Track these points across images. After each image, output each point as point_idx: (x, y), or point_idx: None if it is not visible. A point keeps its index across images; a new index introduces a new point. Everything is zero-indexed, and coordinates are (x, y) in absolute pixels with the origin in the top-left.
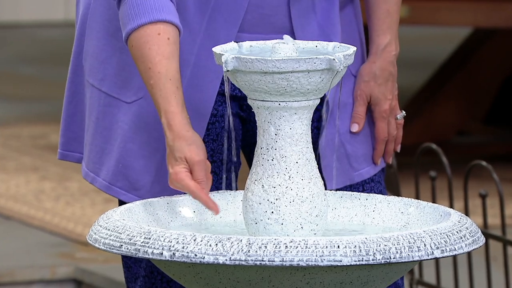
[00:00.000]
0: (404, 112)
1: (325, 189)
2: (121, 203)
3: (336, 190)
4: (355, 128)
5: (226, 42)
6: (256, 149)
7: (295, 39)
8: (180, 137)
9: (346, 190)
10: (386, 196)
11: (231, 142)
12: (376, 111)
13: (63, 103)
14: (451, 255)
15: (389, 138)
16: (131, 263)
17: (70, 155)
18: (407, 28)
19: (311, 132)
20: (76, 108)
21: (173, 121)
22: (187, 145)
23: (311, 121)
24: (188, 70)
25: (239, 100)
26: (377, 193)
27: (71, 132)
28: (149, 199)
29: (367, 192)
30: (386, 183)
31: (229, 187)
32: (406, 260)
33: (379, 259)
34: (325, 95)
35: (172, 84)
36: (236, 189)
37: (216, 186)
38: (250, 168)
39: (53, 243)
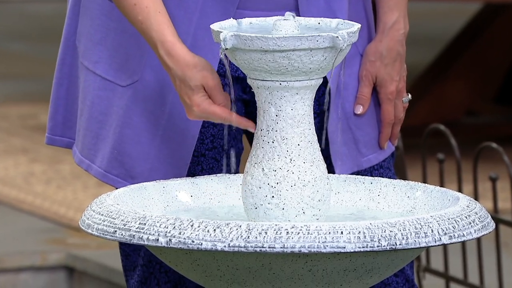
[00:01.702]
0: (410, 96)
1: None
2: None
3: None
4: (359, 109)
5: (224, 19)
6: (256, 130)
7: (299, 14)
8: (188, 65)
9: (354, 175)
10: (391, 179)
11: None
12: (382, 93)
13: (53, 85)
14: (460, 241)
15: (396, 121)
16: (129, 251)
17: (59, 139)
18: (414, 3)
19: (319, 116)
20: (67, 91)
21: (173, 51)
22: (199, 71)
23: (319, 105)
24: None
25: (242, 82)
26: None
27: (60, 116)
28: (144, 183)
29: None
30: (393, 167)
31: (229, 171)
32: (412, 246)
33: (384, 246)
34: (328, 78)
35: (163, 17)
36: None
37: (216, 173)
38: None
39: (43, 229)
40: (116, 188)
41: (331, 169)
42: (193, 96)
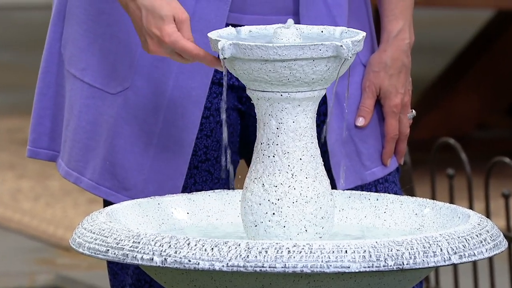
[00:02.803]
0: (414, 112)
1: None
2: (107, 204)
3: (346, 190)
4: (360, 122)
5: (218, 23)
6: (255, 144)
7: (298, 19)
8: None
9: (359, 191)
10: (398, 196)
11: (227, 137)
12: (386, 106)
13: (35, 95)
14: (470, 261)
15: (401, 137)
16: (117, 269)
17: (42, 152)
18: (423, 11)
19: (319, 127)
20: (51, 100)
21: None
22: (168, 2)
23: (319, 115)
24: None
25: (237, 91)
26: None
27: (43, 127)
28: (138, 200)
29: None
30: (400, 181)
31: (225, 188)
32: (420, 266)
33: (390, 265)
34: (332, 86)
35: None
36: (234, 189)
37: (211, 187)
38: (248, 167)
39: (31, 248)
40: (107, 202)
41: (332, 183)
42: (163, 26)
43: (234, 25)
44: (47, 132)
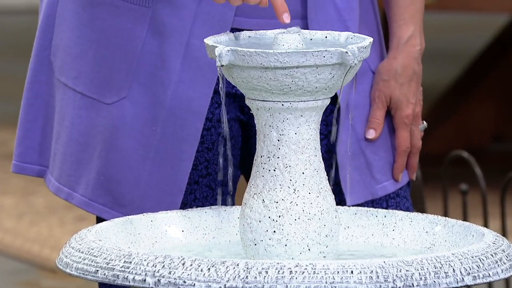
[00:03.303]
0: (426, 123)
1: (345, 205)
2: (100, 222)
3: (356, 206)
4: (371, 134)
5: (222, 28)
6: (255, 157)
7: (306, 23)
8: None
9: (367, 206)
10: (408, 212)
11: (228, 150)
12: (397, 117)
13: (21, 106)
14: (485, 282)
15: (413, 150)
16: None
17: (29, 167)
18: (435, 15)
19: (327, 138)
20: (38, 112)
21: None
22: None
23: (326, 125)
24: (177, 62)
25: (239, 101)
26: (403, 210)
27: (30, 141)
28: (130, 216)
29: (392, 209)
30: (410, 196)
31: (226, 204)
32: (431, 287)
33: (399, 287)
34: (337, 95)
35: None
36: (233, 205)
37: (212, 203)
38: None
39: (14, 270)
40: (100, 219)
41: (341, 197)
42: None
43: (238, 30)
44: (35, 145)
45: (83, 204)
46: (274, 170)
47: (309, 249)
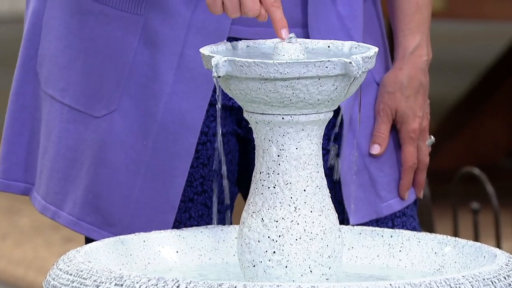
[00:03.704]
0: (433, 138)
1: (348, 224)
2: (88, 242)
3: (360, 225)
4: (375, 150)
5: (218, 38)
6: (254, 174)
7: (307, 32)
8: None
9: (372, 226)
10: (415, 232)
11: (224, 166)
12: (403, 131)
13: (5, 119)
14: None
15: (420, 167)
16: None
17: (14, 185)
18: (444, 23)
19: (328, 153)
20: (24, 125)
21: None
22: None
23: (329, 140)
24: (170, 74)
25: (237, 114)
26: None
27: (15, 156)
28: (121, 236)
29: (398, 229)
30: (418, 216)
31: (222, 223)
32: None
33: None
34: (339, 108)
35: None
36: (231, 224)
37: (207, 222)
38: (246, 200)
39: None
40: (89, 239)
41: (344, 216)
42: None
43: (235, 39)
44: (21, 161)
45: (70, 224)
46: (274, 187)
47: (311, 271)
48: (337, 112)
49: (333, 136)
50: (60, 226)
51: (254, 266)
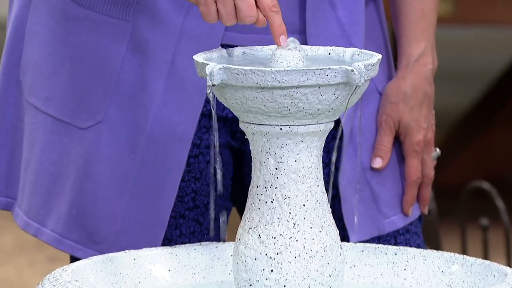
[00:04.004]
0: (439, 151)
1: (348, 242)
2: (74, 261)
3: (362, 243)
4: (377, 163)
5: (211, 45)
6: (250, 188)
7: (305, 39)
8: None
9: (374, 243)
10: (421, 250)
11: (218, 180)
12: (407, 143)
13: None
14: None
15: (424, 181)
16: None
17: None
18: (450, 29)
19: (328, 167)
20: (5, 137)
21: None
22: None
23: (327, 152)
24: (160, 83)
25: (231, 125)
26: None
27: None
28: (110, 254)
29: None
30: (423, 233)
31: (216, 239)
32: None
33: None
34: (339, 119)
35: None
36: (225, 241)
37: (199, 240)
38: (242, 214)
39: None
40: (74, 258)
41: (344, 233)
42: None
43: (229, 46)
44: (2, 174)
45: (53, 241)
46: (272, 202)
47: None
48: (337, 123)
49: (335, 149)
50: (45, 244)
51: (250, 285)
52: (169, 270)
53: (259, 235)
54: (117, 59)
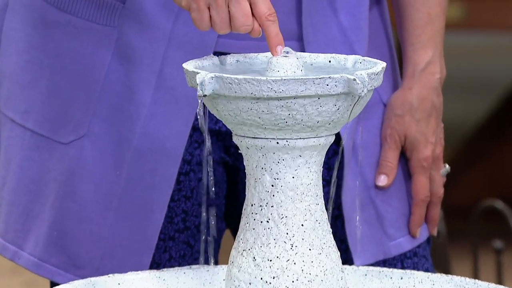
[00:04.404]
0: (448, 167)
1: (351, 265)
2: (54, 286)
3: (363, 266)
4: (382, 181)
5: (202, 53)
6: (244, 206)
7: (302, 46)
8: None
9: (379, 267)
10: (429, 274)
11: (211, 198)
12: (414, 159)
13: None
14: None
15: (433, 200)
16: None
17: None
18: (461, 35)
19: (329, 185)
20: None
21: None
22: None
23: (329, 169)
24: (148, 94)
25: (224, 139)
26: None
27: None
28: (93, 278)
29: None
30: (432, 256)
31: (207, 262)
32: None
33: None
34: (341, 133)
35: None
36: (217, 264)
37: (190, 263)
38: (236, 235)
39: None
40: (54, 283)
41: (347, 257)
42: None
43: (221, 54)
44: None
45: (32, 266)
46: (267, 222)
47: None
48: (338, 137)
49: (336, 166)
50: (22, 268)
51: None
52: None
53: (254, 258)
54: (101, 67)
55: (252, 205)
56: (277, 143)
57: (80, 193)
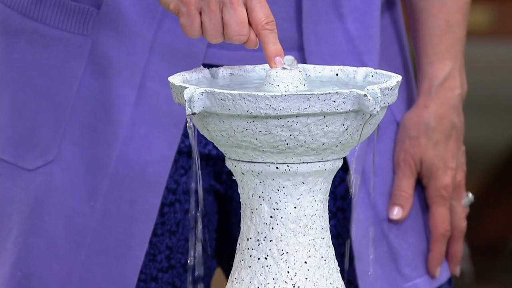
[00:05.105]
0: (472, 196)
1: None
2: None
3: None
4: (396, 214)
5: (189, 65)
6: (239, 241)
7: (304, 57)
8: None
9: None
10: None
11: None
12: (431, 187)
13: None
14: None
15: (454, 234)
16: None
17: None
18: (488, 45)
19: (335, 217)
20: None
21: None
22: None
23: (335, 199)
24: (127, 112)
25: (215, 164)
26: None
27: None
28: None
29: None
30: None
31: None
32: None
33: None
34: (348, 158)
35: None
36: None
37: None
38: (229, 274)
39: None
40: None
41: None
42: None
43: (212, 66)
44: None
45: None
46: (266, 259)
47: None
48: (346, 161)
49: (352, 190)
50: None
51: None
52: None
53: None
54: (72, 82)
55: (248, 239)
56: (277, 168)
57: (47, 227)
